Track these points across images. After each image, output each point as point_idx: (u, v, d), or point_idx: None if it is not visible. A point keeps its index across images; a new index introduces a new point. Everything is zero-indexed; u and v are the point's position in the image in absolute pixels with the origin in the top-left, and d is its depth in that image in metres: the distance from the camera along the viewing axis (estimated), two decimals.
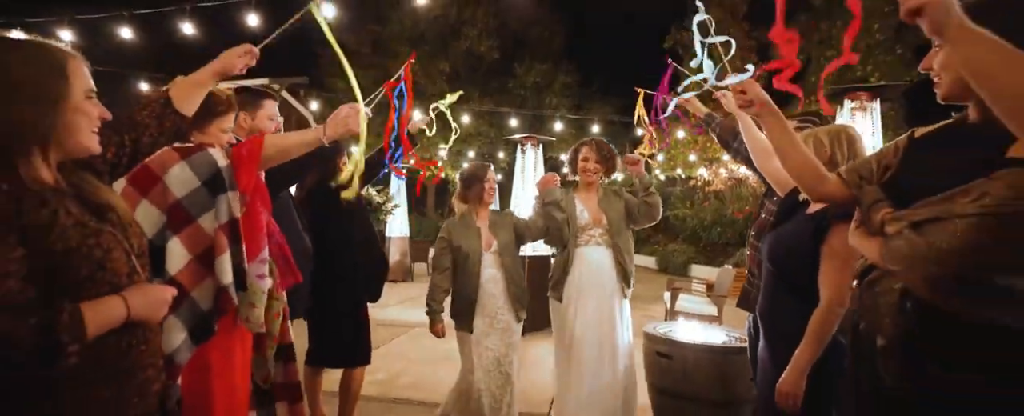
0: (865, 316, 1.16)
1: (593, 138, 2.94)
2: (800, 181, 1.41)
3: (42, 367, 0.91)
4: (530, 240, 2.92)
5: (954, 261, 0.94)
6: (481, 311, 2.65)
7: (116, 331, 1.03)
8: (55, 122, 1.03)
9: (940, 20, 0.89)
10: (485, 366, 2.63)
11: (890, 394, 1.07)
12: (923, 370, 1.03)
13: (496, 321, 2.67)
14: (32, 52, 1.04)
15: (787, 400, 1.59)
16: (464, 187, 2.81)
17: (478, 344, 2.64)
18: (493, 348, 2.65)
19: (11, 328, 0.87)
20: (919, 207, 1.03)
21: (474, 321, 2.64)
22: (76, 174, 1.12)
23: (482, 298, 2.66)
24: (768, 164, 1.78)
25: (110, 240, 1.06)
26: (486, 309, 2.66)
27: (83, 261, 1.01)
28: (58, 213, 1.00)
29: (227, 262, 1.61)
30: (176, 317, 1.51)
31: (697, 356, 2.70)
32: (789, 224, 1.78)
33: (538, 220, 2.84)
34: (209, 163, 1.67)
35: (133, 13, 4.85)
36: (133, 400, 1.06)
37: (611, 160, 2.89)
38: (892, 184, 1.19)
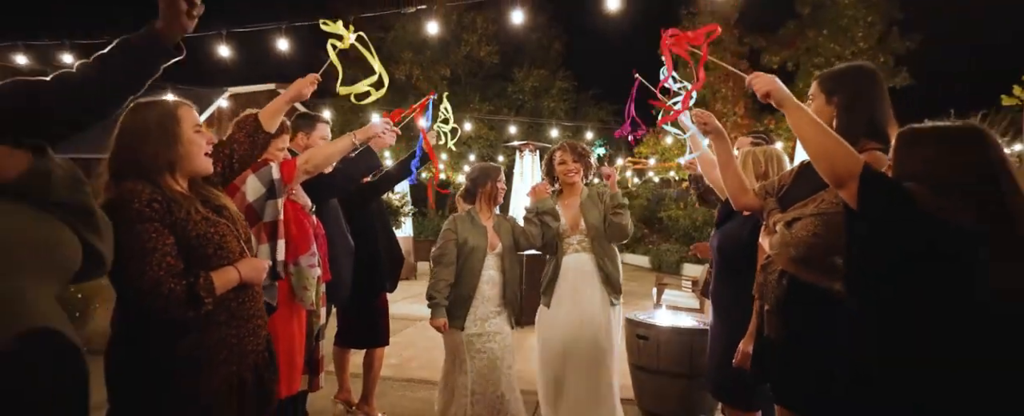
0: (760, 290, 1.63)
1: (562, 141, 2.93)
2: (730, 192, 1.88)
3: (190, 312, 1.37)
4: (525, 248, 2.86)
5: (804, 246, 1.40)
6: (474, 312, 2.63)
7: (234, 290, 1.49)
8: (175, 152, 1.49)
9: (780, 99, 1.36)
10: (479, 369, 2.59)
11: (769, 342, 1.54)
12: (789, 323, 1.49)
13: (488, 323, 2.64)
14: (156, 107, 1.50)
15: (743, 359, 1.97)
16: (474, 184, 2.80)
17: (470, 346, 2.61)
18: (486, 351, 2.61)
19: (173, 287, 1.34)
20: (790, 210, 1.50)
21: (467, 323, 2.62)
22: (201, 185, 1.59)
23: (477, 298, 2.64)
24: (712, 173, 2.22)
25: (225, 229, 1.53)
26: (478, 311, 2.63)
27: (209, 243, 1.47)
28: (191, 212, 1.46)
29: (266, 252, 2.07)
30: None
31: (668, 337, 3.18)
32: (731, 223, 2.25)
33: (533, 229, 2.77)
34: (269, 175, 2.14)
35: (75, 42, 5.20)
36: (248, 338, 1.53)
37: (586, 157, 2.86)
38: (784, 196, 1.65)
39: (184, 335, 1.40)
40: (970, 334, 1.10)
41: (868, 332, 1.21)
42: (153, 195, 1.37)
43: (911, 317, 1.15)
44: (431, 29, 4.73)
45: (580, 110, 18.18)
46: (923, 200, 1.15)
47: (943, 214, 1.12)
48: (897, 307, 1.18)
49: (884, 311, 1.19)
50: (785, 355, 1.56)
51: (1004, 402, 1.09)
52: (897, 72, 12.75)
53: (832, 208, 1.36)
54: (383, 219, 3.38)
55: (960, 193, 1.13)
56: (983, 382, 1.09)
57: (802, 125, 1.33)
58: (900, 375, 1.16)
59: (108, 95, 1.15)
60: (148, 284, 1.29)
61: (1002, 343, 1.09)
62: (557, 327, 2.68)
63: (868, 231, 1.20)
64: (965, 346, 1.10)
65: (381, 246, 3.20)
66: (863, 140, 1.51)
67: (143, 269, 1.29)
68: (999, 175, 1.13)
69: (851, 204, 1.23)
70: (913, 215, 1.14)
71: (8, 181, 0.84)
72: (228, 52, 4.66)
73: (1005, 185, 1.12)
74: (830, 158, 1.25)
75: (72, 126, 1.10)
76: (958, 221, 1.11)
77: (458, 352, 2.64)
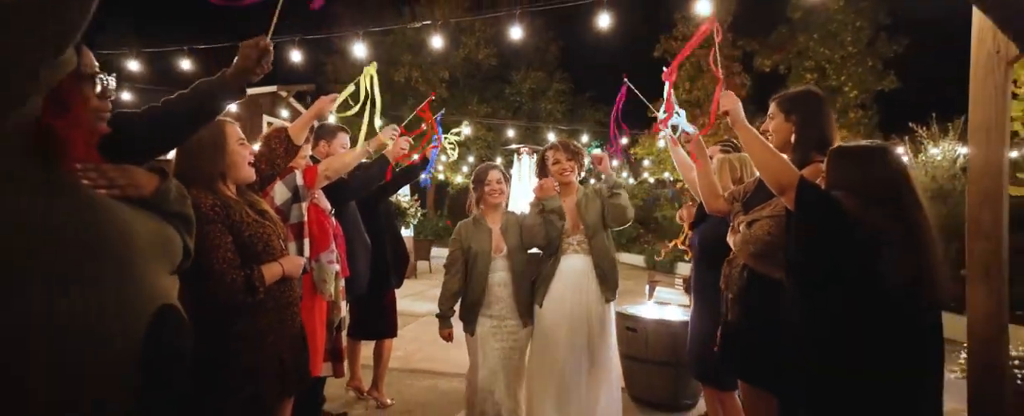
0: (725, 281, 1.90)
1: (554, 141, 2.90)
2: (704, 197, 2.15)
3: (248, 298, 1.63)
4: (529, 247, 2.82)
5: (760, 243, 1.67)
6: (487, 312, 2.66)
7: (277, 282, 1.75)
8: (223, 162, 1.75)
9: (735, 119, 1.63)
10: (490, 366, 2.62)
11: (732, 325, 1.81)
12: (754, 312, 1.76)
13: (503, 324, 2.66)
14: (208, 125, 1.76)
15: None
16: (472, 188, 2.85)
17: (484, 344, 2.65)
18: (500, 350, 2.64)
19: (235, 277, 1.60)
20: (751, 213, 1.77)
21: (479, 321, 2.66)
22: (245, 191, 1.85)
23: (489, 300, 2.66)
24: (688, 175, 2.46)
25: (269, 230, 1.79)
26: (493, 310, 2.66)
27: (259, 242, 1.73)
28: (243, 215, 1.73)
29: (293, 249, 2.33)
30: None
31: (655, 328, 3.45)
32: (706, 223, 2.51)
33: (539, 228, 2.71)
34: (294, 181, 2.41)
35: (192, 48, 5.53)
36: (288, 323, 1.79)
37: (580, 155, 2.81)
38: (747, 201, 1.92)
39: (239, 319, 1.66)
40: (876, 312, 1.38)
41: (803, 312, 1.49)
42: (214, 201, 1.63)
43: (835, 298, 1.43)
44: (436, 43, 4.98)
45: (577, 112, 18.48)
46: (847, 205, 1.41)
47: (860, 217, 1.39)
48: (824, 290, 1.45)
49: (814, 294, 1.46)
50: (744, 336, 1.83)
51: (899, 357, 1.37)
52: (885, 75, 13.08)
53: (783, 211, 1.64)
54: (390, 220, 3.65)
55: (873, 201, 1.40)
56: (884, 343, 1.37)
57: (752, 144, 1.60)
58: (827, 346, 1.43)
59: (183, 127, 1.41)
60: (216, 275, 1.55)
61: (898, 318, 1.37)
62: (553, 325, 2.63)
63: (802, 229, 1.47)
64: (873, 320, 1.38)
65: (388, 245, 3.46)
66: (813, 153, 1.78)
67: (211, 262, 1.55)
68: (901, 188, 1.40)
69: (791, 208, 1.50)
70: (838, 217, 1.41)
71: (145, 195, 1.11)
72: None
73: (906, 197, 1.39)
74: (773, 171, 1.52)
75: (153, 151, 1.37)
76: (871, 223, 1.38)
77: (473, 353, 2.70)
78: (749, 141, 1.62)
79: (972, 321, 2.53)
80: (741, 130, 1.65)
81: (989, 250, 2.45)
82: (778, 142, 1.86)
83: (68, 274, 0.90)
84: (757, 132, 1.64)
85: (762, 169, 1.57)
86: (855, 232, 1.39)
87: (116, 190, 1.05)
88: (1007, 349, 2.49)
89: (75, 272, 0.91)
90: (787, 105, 1.89)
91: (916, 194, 1.41)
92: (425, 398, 3.68)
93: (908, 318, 1.36)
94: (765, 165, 1.56)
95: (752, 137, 1.61)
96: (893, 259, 1.36)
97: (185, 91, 1.40)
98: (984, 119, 2.48)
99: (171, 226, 1.16)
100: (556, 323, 2.64)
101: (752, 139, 1.62)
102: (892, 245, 1.36)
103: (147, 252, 1.05)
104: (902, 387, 1.41)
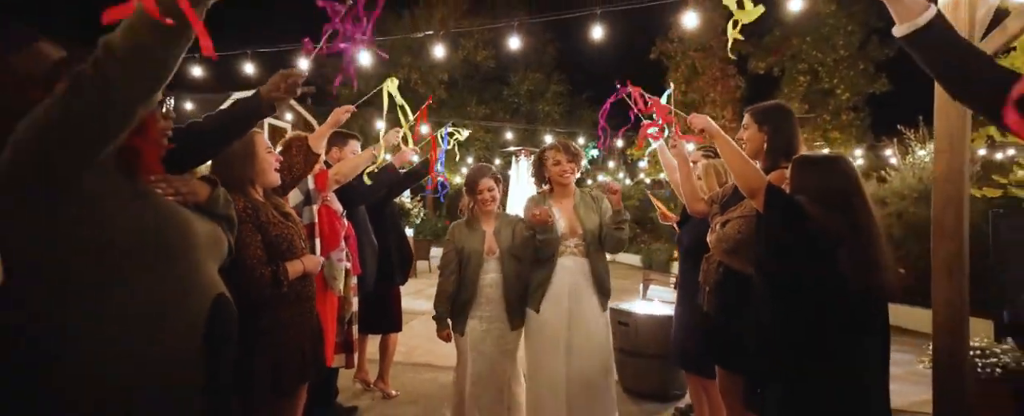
0: (703, 276, 2.09)
1: (554, 141, 2.84)
2: (686, 199, 2.34)
3: (274, 291, 1.82)
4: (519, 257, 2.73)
5: (732, 241, 1.87)
6: (477, 314, 2.64)
7: (299, 278, 1.94)
8: (252, 168, 1.94)
9: (712, 132, 1.84)
10: (478, 372, 2.60)
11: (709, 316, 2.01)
12: (727, 304, 1.96)
13: (493, 326, 2.63)
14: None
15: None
16: (465, 194, 2.80)
17: (473, 348, 2.63)
18: (488, 355, 2.61)
19: (263, 272, 1.79)
20: (726, 214, 1.96)
21: (468, 323, 2.65)
22: (271, 195, 2.04)
23: (479, 301, 2.64)
24: (672, 177, 2.64)
25: (292, 231, 1.98)
26: (483, 312, 2.64)
27: (284, 241, 1.92)
28: (270, 216, 1.92)
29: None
30: None
31: (645, 322, 3.65)
32: (689, 224, 2.71)
33: (529, 244, 2.70)
34: (306, 185, 2.60)
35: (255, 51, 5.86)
36: (306, 315, 1.98)
37: (579, 157, 2.77)
38: (724, 204, 2.12)
39: (266, 311, 1.85)
40: (833, 301, 1.58)
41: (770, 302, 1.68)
42: (246, 203, 1.82)
43: (797, 290, 1.62)
44: (437, 52, 5.17)
45: (574, 113, 18.70)
46: (808, 209, 1.61)
47: (819, 220, 1.59)
48: (788, 283, 1.64)
49: (778, 286, 1.66)
50: (719, 326, 2.03)
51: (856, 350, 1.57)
52: (877, 78, 13.32)
53: (752, 213, 1.83)
54: (395, 220, 3.83)
55: (829, 205, 1.59)
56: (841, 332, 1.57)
57: (728, 153, 1.80)
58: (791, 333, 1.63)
59: (223, 140, 1.60)
60: (247, 269, 1.74)
61: (852, 306, 1.57)
62: (552, 330, 2.59)
63: (770, 229, 1.67)
64: (830, 309, 1.58)
65: (394, 244, 3.65)
66: (781, 159, 1.98)
67: (243, 258, 1.74)
68: (851, 196, 1.60)
69: (760, 209, 1.70)
70: (800, 219, 1.61)
71: (200, 201, 1.31)
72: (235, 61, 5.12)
73: (856, 203, 1.59)
74: (745, 176, 1.72)
75: (199, 160, 1.56)
76: (827, 225, 1.57)
77: (461, 354, 2.70)
78: (725, 149, 1.81)
79: (936, 314, 2.74)
80: (718, 140, 1.84)
81: (952, 249, 2.66)
82: (751, 149, 2.06)
83: (153, 266, 1.09)
84: (732, 141, 1.84)
85: (736, 174, 1.77)
86: (813, 232, 1.59)
87: (180, 197, 1.25)
88: (968, 340, 2.70)
89: (156, 264, 1.10)
90: (760, 116, 2.09)
91: (866, 200, 1.60)
92: (427, 390, 3.88)
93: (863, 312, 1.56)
94: (738, 171, 1.76)
95: (727, 145, 1.80)
96: (847, 258, 1.55)
97: (224, 108, 1.59)
98: (947, 129, 2.68)
99: (219, 226, 1.35)
100: (554, 327, 2.59)
101: (727, 147, 1.81)
102: (845, 245, 1.56)
103: (204, 249, 1.25)
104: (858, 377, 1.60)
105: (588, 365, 2.59)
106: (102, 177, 1.09)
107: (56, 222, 1.02)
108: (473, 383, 2.61)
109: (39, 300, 1.01)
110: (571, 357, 2.58)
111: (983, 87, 0.99)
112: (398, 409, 3.54)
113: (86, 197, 1.05)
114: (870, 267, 1.57)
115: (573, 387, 2.57)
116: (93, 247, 1.05)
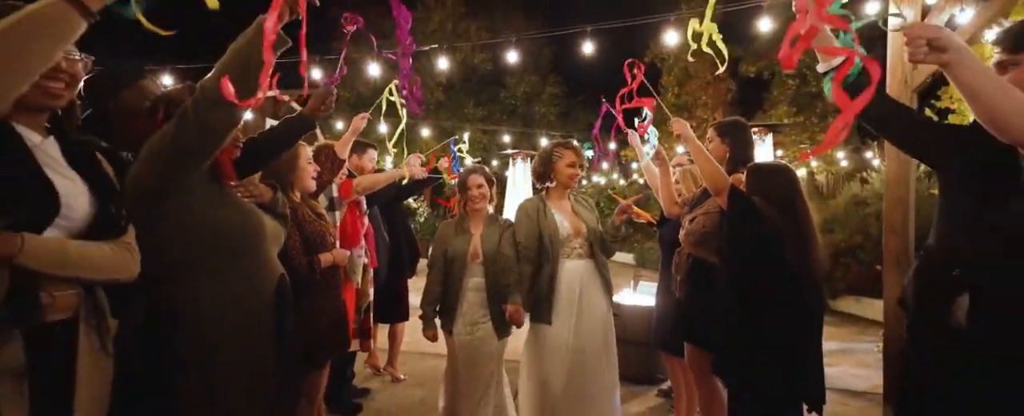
0: (675, 267, 2.44)
1: (568, 141, 2.75)
2: (663, 203, 2.69)
3: (309, 277, 2.16)
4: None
5: (698, 234, 2.22)
6: (462, 317, 2.61)
7: (329, 268, 2.28)
8: (294, 176, 2.28)
9: (686, 138, 2.17)
10: (464, 373, 2.61)
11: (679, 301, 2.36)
12: (695, 289, 2.31)
13: (475, 329, 2.59)
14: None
15: None
16: (458, 194, 2.78)
17: (461, 350, 2.62)
18: (473, 357, 2.59)
19: (301, 261, 2.13)
20: (693, 212, 2.31)
21: (455, 327, 2.63)
22: (307, 199, 2.38)
23: (463, 304, 2.61)
24: (653, 182, 2.98)
25: (324, 228, 2.32)
26: (467, 315, 2.60)
27: (317, 237, 2.26)
28: (306, 215, 2.25)
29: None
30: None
31: (633, 312, 4.00)
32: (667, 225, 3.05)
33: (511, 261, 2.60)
34: (331, 193, 2.93)
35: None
36: (335, 301, 2.32)
37: (584, 161, 2.71)
38: (694, 204, 2.47)
39: (304, 294, 2.18)
40: (780, 285, 1.92)
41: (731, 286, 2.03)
42: (287, 203, 2.16)
43: (752, 277, 1.97)
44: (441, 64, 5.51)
45: (571, 114, 19.03)
46: (761, 209, 1.95)
47: (770, 219, 1.93)
48: (746, 270, 1.99)
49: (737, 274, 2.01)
50: (688, 308, 2.38)
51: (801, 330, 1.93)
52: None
53: (714, 209, 2.19)
54: (404, 219, 4.18)
55: (775, 206, 1.94)
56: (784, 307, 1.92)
57: (699, 156, 2.12)
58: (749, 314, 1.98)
59: (274, 151, 1.94)
60: (289, 258, 2.08)
61: (794, 290, 1.92)
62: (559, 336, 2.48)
63: (731, 222, 2.01)
64: (776, 291, 1.93)
65: (403, 241, 3.99)
66: (739, 166, 2.33)
67: (286, 249, 2.08)
68: (793, 199, 1.94)
69: (724, 207, 2.04)
70: (755, 217, 1.94)
71: (265, 202, 1.65)
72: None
73: (798, 205, 1.94)
74: (713, 178, 2.05)
75: (258, 167, 1.90)
76: (775, 223, 1.91)
77: (450, 355, 2.70)
78: (697, 154, 2.14)
79: (887, 304, 3.11)
80: (691, 146, 2.16)
81: (900, 246, 3.02)
82: (715, 157, 2.41)
83: (239, 252, 1.44)
84: (703, 147, 2.17)
85: (705, 176, 2.10)
86: (766, 227, 1.93)
87: (253, 199, 1.59)
88: None
89: (241, 250, 1.45)
90: (722, 130, 2.45)
91: (805, 203, 1.95)
92: (433, 375, 4.21)
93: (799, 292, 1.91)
94: (707, 173, 2.09)
95: (699, 151, 2.12)
96: (790, 248, 1.90)
97: (275, 126, 1.93)
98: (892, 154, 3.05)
99: (279, 222, 1.69)
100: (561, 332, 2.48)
101: (699, 153, 2.13)
102: (788, 238, 1.90)
103: (270, 239, 1.59)
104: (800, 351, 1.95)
105: (598, 366, 2.49)
106: (200, 183, 1.43)
107: (172, 220, 1.37)
108: (456, 386, 2.64)
109: (171, 278, 1.38)
110: (580, 358, 2.46)
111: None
112: (406, 392, 3.88)
113: (188, 200, 1.40)
114: (807, 256, 1.91)
115: (582, 390, 2.45)
116: (197, 238, 1.40)
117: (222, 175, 1.50)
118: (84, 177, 1.18)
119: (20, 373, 1.05)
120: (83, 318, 1.15)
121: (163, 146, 1.33)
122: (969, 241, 1.31)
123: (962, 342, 1.28)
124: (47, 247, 1.08)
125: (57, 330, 1.12)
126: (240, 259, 1.47)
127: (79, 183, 1.17)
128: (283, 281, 1.59)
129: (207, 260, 1.42)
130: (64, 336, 1.13)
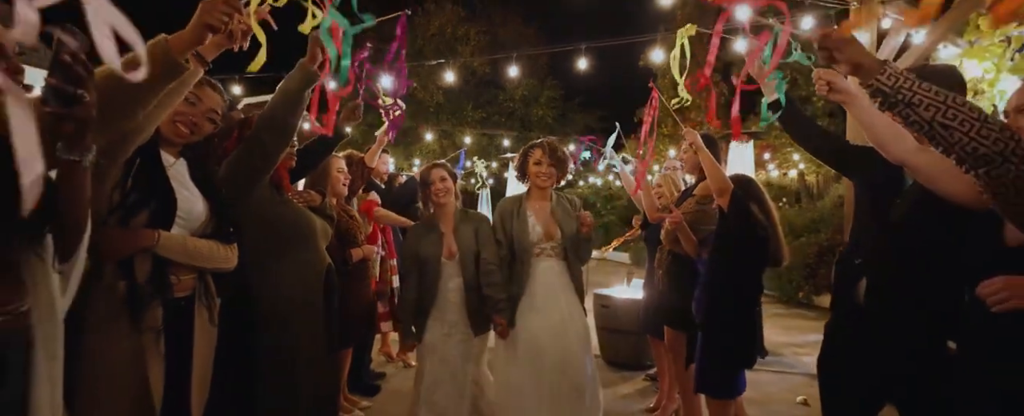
0: (657, 263, 2.84)
1: (546, 139, 2.72)
2: (646, 210, 3.09)
3: (342, 267, 2.55)
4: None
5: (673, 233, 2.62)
6: (439, 318, 2.50)
7: (360, 261, 2.67)
8: (327, 182, 2.67)
9: (697, 147, 2.58)
10: (437, 379, 2.46)
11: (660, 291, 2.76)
12: (673, 280, 2.71)
13: (454, 330, 2.50)
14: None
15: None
16: (420, 192, 2.66)
17: (432, 353, 2.49)
18: (449, 361, 2.47)
19: (336, 253, 2.52)
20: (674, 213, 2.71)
21: (428, 327, 2.51)
22: (341, 202, 2.77)
23: (440, 305, 2.51)
24: (631, 192, 3.37)
25: (355, 227, 2.72)
26: (445, 316, 2.50)
27: (348, 234, 2.66)
28: (340, 215, 2.64)
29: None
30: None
31: (623, 304, 4.39)
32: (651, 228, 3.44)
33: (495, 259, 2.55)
34: (353, 204, 3.33)
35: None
36: (365, 289, 2.72)
37: (565, 163, 2.67)
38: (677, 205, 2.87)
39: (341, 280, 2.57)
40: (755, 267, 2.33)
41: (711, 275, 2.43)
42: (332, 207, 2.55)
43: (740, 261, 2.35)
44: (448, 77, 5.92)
45: (568, 116, 19.43)
46: (751, 209, 2.34)
47: (756, 217, 2.32)
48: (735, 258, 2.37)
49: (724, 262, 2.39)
50: (667, 296, 2.78)
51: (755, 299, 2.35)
52: None
53: (689, 209, 2.60)
54: (414, 217, 4.57)
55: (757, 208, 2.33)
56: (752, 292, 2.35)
57: (706, 163, 2.49)
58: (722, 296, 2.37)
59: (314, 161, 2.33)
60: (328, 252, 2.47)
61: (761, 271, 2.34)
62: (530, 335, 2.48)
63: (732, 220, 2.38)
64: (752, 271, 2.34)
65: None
66: None
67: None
68: (764, 203, 2.33)
69: (724, 208, 2.42)
70: (748, 216, 2.33)
71: (315, 204, 2.04)
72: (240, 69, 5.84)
73: (765, 208, 2.33)
74: (719, 181, 2.43)
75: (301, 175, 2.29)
76: (760, 221, 2.30)
77: (421, 360, 2.55)
78: (706, 161, 2.48)
79: None
80: (700, 153, 2.48)
81: None
82: (690, 167, 2.81)
83: (297, 243, 1.86)
84: (711, 156, 2.52)
85: (711, 179, 2.44)
86: (755, 225, 2.32)
87: (305, 203, 1.98)
88: None
89: (298, 242, 1.87)
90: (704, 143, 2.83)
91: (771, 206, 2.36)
92: None
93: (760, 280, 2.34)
94: (714, 177, 2.46)
95: (708, 158, 2.48)
96: (769, 243, 2.30)
97: (314, 140, 2.32)
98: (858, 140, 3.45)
99: (326, 222, 2.09)
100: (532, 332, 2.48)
101: (707, 159, 2.49)
102: (767, 235, 2.30)
103: (320, 235, 1.98)
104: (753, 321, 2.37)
105: (568, 367, 2.46)
106: (265, 188, 1.83)
107: (245, 219, 1.76)
108: (429, 390, 2.45)
109: (253, 260, 1.76)
110: (550, 359, 2.44)
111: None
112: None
113: (257, 200, 1.80)
114: (778, 250, 2.32)
115: (554, 390, 2.43)
116: (266, 230, 1.80)
117: (280, 183, 1.90)
118: (202, 191, 1.57)
119: (158, 331, 1.44)
120: (198, 296, 1.54)
121: (239, 166, 1.74)
122: (866, 238, 1.72)
123: (861, 313, 1.69)
124: (174, 241, 1.47)
125: (182, 303, 1.51)
126: (297, 250, 1.88)
127: (197, 195, 1.56)
128: (330, 269, 1.99)
129: (273, 250, 1.83)
130: (186, 309, 1.52)
